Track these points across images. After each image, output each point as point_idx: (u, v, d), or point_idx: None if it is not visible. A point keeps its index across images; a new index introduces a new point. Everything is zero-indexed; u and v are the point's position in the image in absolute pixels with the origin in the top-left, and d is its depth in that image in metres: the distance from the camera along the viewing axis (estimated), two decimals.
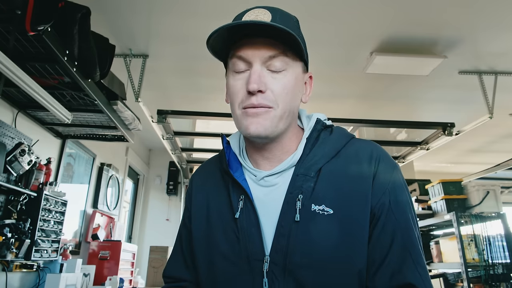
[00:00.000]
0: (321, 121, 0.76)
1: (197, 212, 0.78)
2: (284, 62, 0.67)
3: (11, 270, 2.19)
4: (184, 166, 4.62)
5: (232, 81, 0.69)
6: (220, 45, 0.70)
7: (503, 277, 2.66)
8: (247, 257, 0.66)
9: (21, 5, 1.38)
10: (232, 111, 0.71)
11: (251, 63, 0.66)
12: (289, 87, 0.68)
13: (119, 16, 2.37)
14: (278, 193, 0.69)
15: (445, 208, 3.12)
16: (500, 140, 4.71)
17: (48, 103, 1.88)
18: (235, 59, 0.68)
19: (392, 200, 0.66)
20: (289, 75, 0.68)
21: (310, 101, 0.75)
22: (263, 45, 0.66)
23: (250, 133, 0.66)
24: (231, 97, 0.70)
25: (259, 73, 0.66)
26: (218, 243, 0.70)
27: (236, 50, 0.68)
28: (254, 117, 0.66)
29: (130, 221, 4.90)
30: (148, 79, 2.94)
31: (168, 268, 0.83)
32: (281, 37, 0.66)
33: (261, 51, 0.66)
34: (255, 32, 0.66)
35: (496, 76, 2.98)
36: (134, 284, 3.63)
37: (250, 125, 0.66)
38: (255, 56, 0.66)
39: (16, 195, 2.15)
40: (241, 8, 0.77)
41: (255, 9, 0.69)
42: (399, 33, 2.50)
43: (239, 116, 0.68)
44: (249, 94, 0.66)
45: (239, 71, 0.68)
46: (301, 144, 0.72)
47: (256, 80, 0.64)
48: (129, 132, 2.68)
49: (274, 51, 0.66)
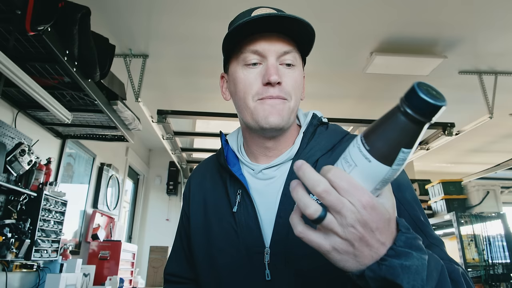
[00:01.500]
0: (317, 116, 0.78)
1: (194, 210, 0.79)
2: (295, 58, 0.70)
3: (11, 270, 2.19)
4: (184, 166, 4.62)
5: (244, 74, 0.70)
6: (232, 40, 0.71)
7: (503, 277, 2.67)
8: (247, 250, 0.67)
9: (21, 5, 1.38)
10: (241, 104, 0.71)
11: (266, 57, 0.68)
12: (299, 81, 0.71)
13: (119, 16, 2.37)
14: (276, 186, 0.70)
15: (445, 208, 3.12)
16: (500, 140, 4.71)
17: (48, 103, 1.88)
18: (248, 53, 0.69)
19: (392, 184, 0.66)
20: (298, 70, 0.71)
21: (310, 101, 0.76)
22: (278, 40, 0.68)
23: (269, 122, 0.67)
24: (243, 89, 0.70)
25: (276, 66, 0.68)
26: (217, 238, 0.71)
27: (249, 44, 0.69)
28: (273, 108, 0.68)
29: (130, 221, 4.90)
30: (148, 79, 2.94)
31: (169, 265, 0.85)
32: (293, 33, 0.69)
33: (277, 46, 0.68)
34: (267, 27, 0.68)
35: (496, 76, 2.98)
36: (134, 284, 3.63)
37: (270, 115, 0.67)
38: (271, 50, 0.68)
39: (16, 195, 2.15)
40: (241, 8, 0.77)
41: (261, 8, 0.71)
42: (399, 33, 2.51)
43: (254, 107, 0.69)
44: (267, 85, 0.67)
45: (251, 64, 0.69)
46: (298, 138, 0.74)
47: (276, 72, 0.66)
48: (129, 132, 2.68)
49: (288, 46, 0.69)
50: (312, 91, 3.39)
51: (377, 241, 0.41)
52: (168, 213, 5.07)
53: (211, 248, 0.72)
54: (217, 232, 0.72)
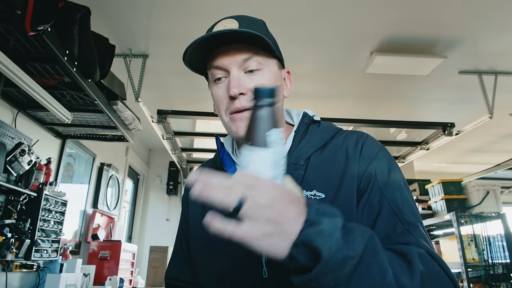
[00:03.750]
0: (307, 115, 0.79)
1: (193, 214, 0.80)
2: (258, 62, 0.70)
3: (11, 270, 2.19)
4: (184, 166, 4.63)
5: (214, 90, 0.73)
6: (196, 59, 0.73)
7: (503, 277, 2.67)
8: (244, 249, 0.66)
9: (21, 5, 1.38)
10: (220, 118, 0.75)
11: (228, 70, 0.70)
12: (267, 85, 0.71)
13: (119, 16, 2.37)
14: None
15: (445, 208, 3.12)
16: (500, 140, 4.71)
17: (48, 103, 1.88)
18: (213, 69, 0.72)
19: (377, 171, 0.66)
20: (266, 73, 0.71)
21: (310, 101, 0.77)
22: (236, 50, 0.70)
23: (240, 136, 0.70)
24: (217, 105, 0.73)
25: (238, 78, 0.69)
26: (215, 239, 0.71)
27: (212, 61, 0.72)
28: (241, 121, 0.69)
29: (130, 221, 4.90)
30: (148, 79, 2.94)
31: (170, 270, 0.85)
32: (250, 40, 0.69)
33: (235, 57, 0.70)
34: (226, 40, 0.70)
35: (496, 76, 2.98)
36: (134, 284, 3.63)
37: (239, 129, 0.70)
38: (230, 63, 0.70)
39: (16, 195, 2.15)
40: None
41: (222, 20, 0.73)
42: (399, 33, 2.51)
43: (228, 122, 0.72)
44: (232, 99, 0.69)
45: (218, 79, 0.72)
46: (290, 137, 0.75)
47: (235, 85, 0.68)
48: (129, 132, 2.68)
49: (246, 53, 0.70)
50: (312, 91, 3.39)
51: (294, 213, 0.45)
52: (168, 213, 5.07)
53: (210, 249, 0.73)
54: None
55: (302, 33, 2.52)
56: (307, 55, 2.78)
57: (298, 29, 2.47)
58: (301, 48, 2.69)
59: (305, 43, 2.63)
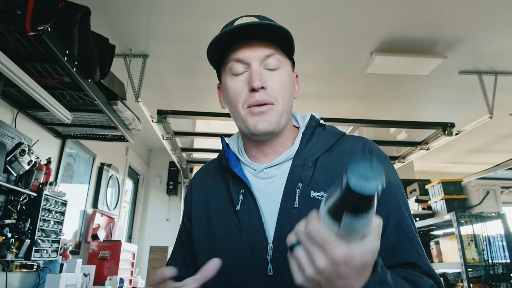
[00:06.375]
0: (315, 117, 0.81)
1: (197, 213, 0.80)
2: (278, 60, 0.73)
3: (11, 270, 2.19)
4: (184, 166, 4.62)
5: (232, 83, 0.73)
6: (217, 53, 0.75)
7: (503, 277, 2.66)
8: (250, 247, 0.68)
9: (21, 5, 1.38)
10: (234, 112, 0.75)
11: (249, 64, 0.71)
12: (285, 83, 0.73)
13: (119, 16, 2.37)
14: (278, 184, 0.72)
15: (445, 208, 3.12)
16: (500, 140, 4.71)
17: (48, 103, 1.88)
18: (233, 62, 0.73)
19: (386, 181, 0.67)
20: (283, 72, 0.74)
21: (310, 101, 0.78)
22: (259, 45, 0.71)
23: (259, 130, 0.71)
24: (233, 98, 0.73)
25: (260, 72, 0.70)
26: (220, 237, 0.73)
27: (233, 54, 0.72)
28: (261, 115, 0.71)
29: (130, 221, 4.90)
30: (148, 79, 2.94)
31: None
32: (273, 37, 0.71)
33: (258, 51, 0.71)
34: (247, 36, 0.71)
35: (496, 76, 2.98)
36: (134, 284, 3.63)
37: (258, 123, 0.71)
38: (252, 57, 0.71)
39: (16, 195, 2.15)
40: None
41: (243, 17, 0.74)
42: (399, 33, 2.51)
43: (244, 115, 0.72)
44: (252, 91, 0.70)
45: (237, 73, 0.72)
46: (297, 138, 0.77)
47: (258, 78, 0.69)
48: (129, 132, 2.68)
49: (269, 50, 0.72)
50: (312, 91, 3.39)
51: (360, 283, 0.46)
52: (168, 213, 5.07)
53: (214, 248, 0.73)
54: (220, 232, 0.73)
55: (302, 33, 2.52)
56: (307, 55, 2.78)
57: (298, 29, 2.47)
58: (301, 48, 2.68)
59: (305, 43, 2.63)
